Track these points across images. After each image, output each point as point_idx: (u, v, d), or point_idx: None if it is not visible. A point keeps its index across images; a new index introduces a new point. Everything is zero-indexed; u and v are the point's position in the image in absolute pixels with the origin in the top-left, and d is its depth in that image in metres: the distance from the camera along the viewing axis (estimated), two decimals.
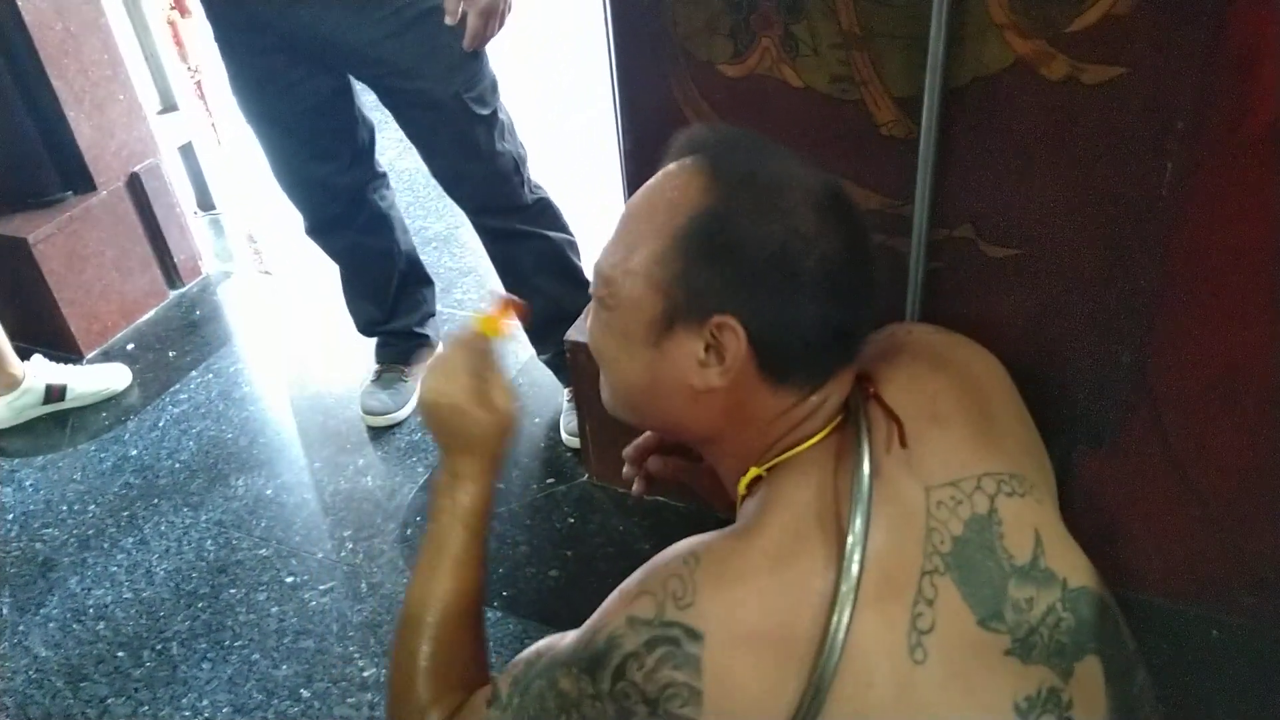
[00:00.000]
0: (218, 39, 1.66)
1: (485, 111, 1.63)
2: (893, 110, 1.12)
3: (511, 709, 0.82)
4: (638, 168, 1.37)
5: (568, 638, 0.81)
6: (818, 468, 0.79)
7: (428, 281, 2.11)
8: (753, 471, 0.82)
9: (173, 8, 2.75)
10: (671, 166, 0.82)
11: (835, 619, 0.70)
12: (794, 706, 0.70)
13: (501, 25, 1.57)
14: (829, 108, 1.15)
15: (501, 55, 1.70)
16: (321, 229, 1.92)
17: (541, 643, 0.85)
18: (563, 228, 1.84)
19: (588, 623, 0.79)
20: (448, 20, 1.51)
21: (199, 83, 2.90)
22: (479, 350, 0.93)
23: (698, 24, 1.18)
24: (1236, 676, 1.36)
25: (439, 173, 1.75)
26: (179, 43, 2.81)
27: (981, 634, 0.75)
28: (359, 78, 1.70)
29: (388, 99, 1.67)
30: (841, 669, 0.69)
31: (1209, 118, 1.05)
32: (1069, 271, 1.11)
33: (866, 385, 0.82)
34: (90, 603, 1.67)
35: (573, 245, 1.86)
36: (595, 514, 1.75)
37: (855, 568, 0.71)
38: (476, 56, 1.60)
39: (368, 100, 1.76)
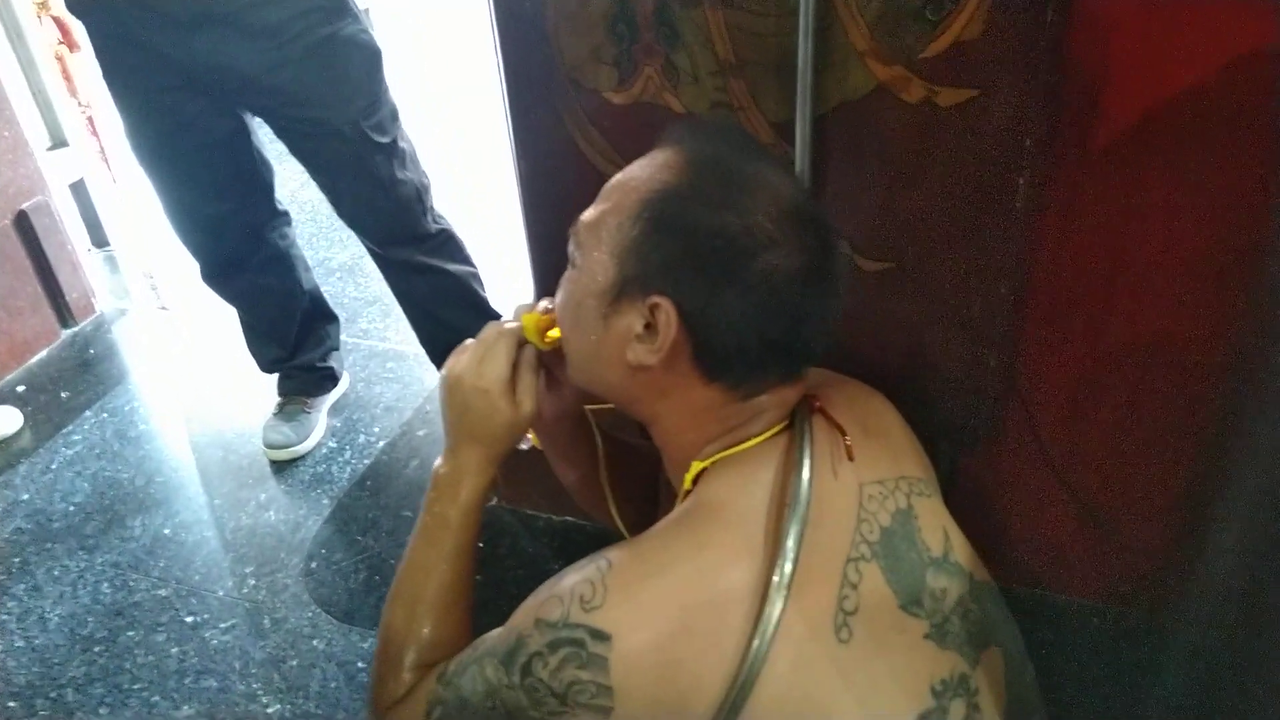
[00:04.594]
0: (107, 79, 1.63)
1: (385, 140, 1.63)
2: (770, 134, 1.17)
3: (451, 687, 0.86)
4: (534, 194, 1.40)
5: (499, 630, 0.85)
6: (757, 468, 0.82)
7: (332, 318, 2.10)
8: (696, 466, 0.85)
9: (60, 42, 2.68)
10: (658, 148, 0.85)
11: (766, 610, 0.73)
12: (720, 695, 0.73)
13: None
14: None
15: (401, 84, 1.72)
16: (218, 273, 1.89)
17: (490, 632, 0.88)
18: (465, 259, 1.85)
19: (510, 619, 0.83)
20: None
21: (90, 118, 2.83)
22: (520, 345, 0.94)
23: (583, 53, 1.22)
24: (1117, 661, 1.43)
25: (339, 203, 1.75)
26: (68, 78, 2.74)
27: (903, 617, 0.80)
28: (255, 110, 1.69)
29: (284, 130, 1.66)
30: (769, 656, 0.72)
31: (1057, 136, 1.13)
32: (938, 282, 1.18)
33: (812, 400, 0.86)
34: None
35: (475, 277, 1.86)
36: (505, 537, 1.75)
37: (789, 565, 0.74)
38: (375, 84, 1.61)
39: (265, 134, 1.76)
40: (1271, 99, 1.06)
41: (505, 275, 2.05)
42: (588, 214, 0.85)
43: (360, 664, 1.52)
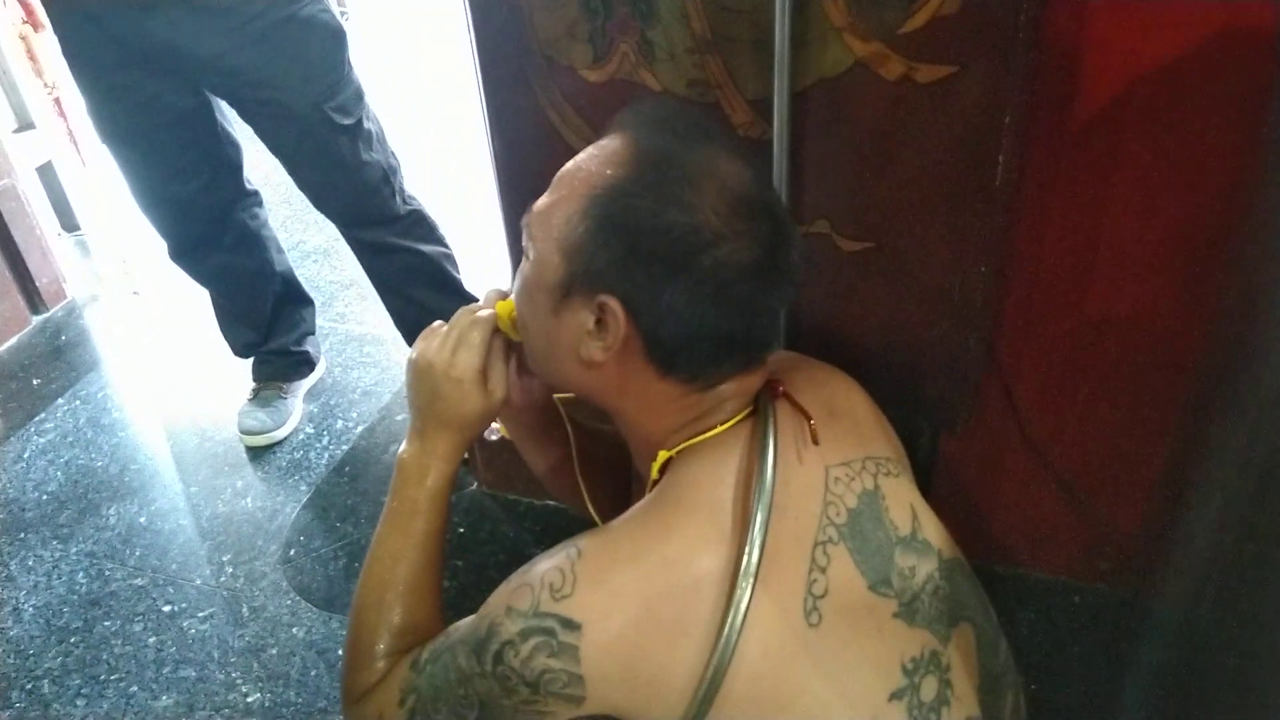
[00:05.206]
0: (67, 57, 1.60)
1: (348, 121, 1.61)
2: (747, 112, 1.15)
3: (424, 675, 0.86)
4: (509, 174, 1.38)
5: (471, 618, 0.85)
6: (723, 455, 0.81)
7: (306, 301, 2.07)
8: (662, 455, 0.84)
9: (25, 22, 2.62)
10: (608, 136, 0.82)
11: (735, 597, 0.72)
12: (695, 680, 0.73)
13: None
14: None
15: (370, 66, 1.69)
16: (186, 252, 1.86)
17: (464, 619, 0.87)
18: (438, 240, 1.83)
19: (482, 606, 0.83)
20: None
21: (57, 99, 2.77)
22: (493, 331, 0.93)
23: (557, 30, 1.19)
24: (1097, 638, 1.44)
25: (304, 186, 1.72)
26: (33, 58, 2.67)
27: (872, 597, 0.79)
28: (214, 91, 1.66)
29: (245, 112, 1.64)
30: (740, 643, 0.72)
31: (1035, 113, 1.12)
32: (918, 262, 1.17)
33: (775, 385, 0.85)
34: None
35: (449, 258, 1.84)
36: (485, 522, 1.74)
37: (757, 552, 0.73)
38: (336, 65, 1.58)
39: (234, 112, 1.72)
40: (1250, 78, 1.05)
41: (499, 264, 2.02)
42: (540, 203, 0.83)
43: (340, 651, 1.51)
